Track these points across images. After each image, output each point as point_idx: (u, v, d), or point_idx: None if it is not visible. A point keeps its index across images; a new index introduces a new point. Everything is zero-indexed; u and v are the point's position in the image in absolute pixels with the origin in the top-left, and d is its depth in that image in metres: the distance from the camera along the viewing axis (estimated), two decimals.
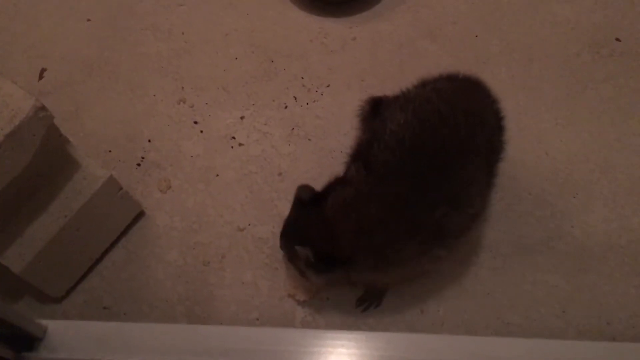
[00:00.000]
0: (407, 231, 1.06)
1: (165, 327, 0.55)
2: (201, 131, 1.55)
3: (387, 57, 1.64)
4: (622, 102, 1.50)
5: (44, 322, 0.55)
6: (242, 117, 1.56)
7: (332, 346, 0.54)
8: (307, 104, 1.57)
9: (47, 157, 1.19)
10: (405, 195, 1.05)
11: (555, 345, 0.57)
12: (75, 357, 0.52)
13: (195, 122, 1.57)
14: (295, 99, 1.58)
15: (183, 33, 1.73)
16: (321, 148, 1.50)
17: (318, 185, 1.19)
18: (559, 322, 1.23)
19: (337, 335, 0.54)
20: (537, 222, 1.34)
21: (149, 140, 1.54)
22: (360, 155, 1.16)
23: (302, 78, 1.61)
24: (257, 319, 1.27)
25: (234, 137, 1.53)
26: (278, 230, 1.24)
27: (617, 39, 1.61)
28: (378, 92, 1.56)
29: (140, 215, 1.43)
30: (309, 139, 1.51)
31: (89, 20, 1.78)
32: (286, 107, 1.57)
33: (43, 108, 1.11)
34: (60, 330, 0.53)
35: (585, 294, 1.26)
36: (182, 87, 1.62)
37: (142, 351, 0.51)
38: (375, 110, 1.27)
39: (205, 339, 0.54)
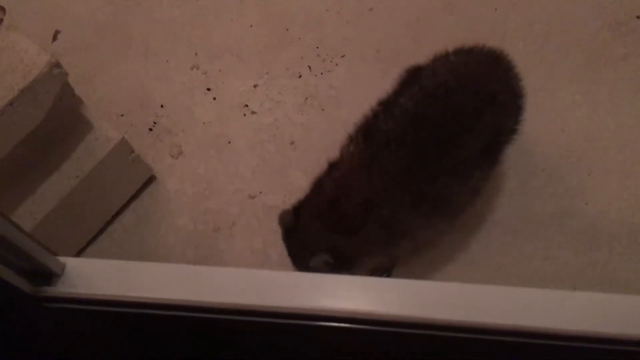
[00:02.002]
0: (411, 202, 1.05)
1: (184, 267, 0.55)
2: (214, 98, 1.54)
3: (404, 29, 1.62)
4: None
5: (62, 259, 0.55)
6: (255, 86, 1.55)
7: (345, 289, 0.54)
8: (322, 73, 1.56)
9: (61, 116, 1.18)
10: (407, 165, 1.04)
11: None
12: (93, 292, 0.52)
13: (208, 89, 1.56)
14: (310, 68, 1.57)
15: None
16: (334, 118, 1.49)
17: (331, 154, 1.18)
18: None
19: (345, 279, 0.54)
20: (550, 199, 1.33)
21: (162, 106, 1.54)
22: (361, 129, 1.15)
23: (317, 48, 1.59)
24: None
25: (246, 105, 1.52)
26: (289, 199, 1.23)
27: (638, 17, 1.58)
28: (393, 64, 1.55)
29: (151, 179, 1.43)
30: (322, 109, 1.50)
31: None
32: (300, 76, 1.56)
33: (58, 65, 1.10)
34: (79, 267, 0.53)
35: (596, 271, 1.25)
36: (196, 54, 1.61)
37: (160, 290, 0.51)
38: (412, 78, 1.23)
39: (224, 279, 0.54)
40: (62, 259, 0.55)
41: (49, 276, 0.54)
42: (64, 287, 0.52)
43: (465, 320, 0.51)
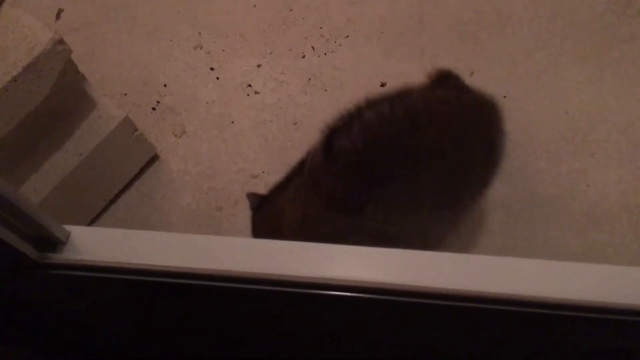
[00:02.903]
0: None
1: (190, 236, 0.56)
2: (217, 78, 1.54)
3: (407, 9, 1.61)
4: None
5: (67, 227, 0.55)
6: (258, 65, 1.55)
7: (337, 258, 0.54)
8: (325, 54, 1.55)
9: (64, 93, 1.19)
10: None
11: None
12: (98, 259, 0.52)
13: (212, 69, 1.56)
14: (313, 48, 1.56)
15: None
16: (337, 99, 1.49)
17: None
18: None
19: (345, 248, 0.54)
20: (552, 180, 1.33)
21: (165, 85, 1.54)
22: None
23: (321, 28, 1.59)
24: None
25: (250, 85, 1.52)
26: None
27: None
28: (397, 44, 1.55)
29: (154, 158, 1.43)
30: (326, 90, 1.50)
31: None
32: (304, 56, 1.55)
33: (61, 41, 1.10)
34: (83, 235, 0.54)
35: (596, 253, 1.26)
36: (199, 33, 1.61)
37: (164, 257, 0.51)
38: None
39: (230, 248, 0.54)
40: (67, 227, 0.56)
41: (54, 243, 0.54)
42: (69, 254, 0.53)
43: (463, 289, 0.51)
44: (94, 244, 0.53)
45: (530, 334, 0.66)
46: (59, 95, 1.16)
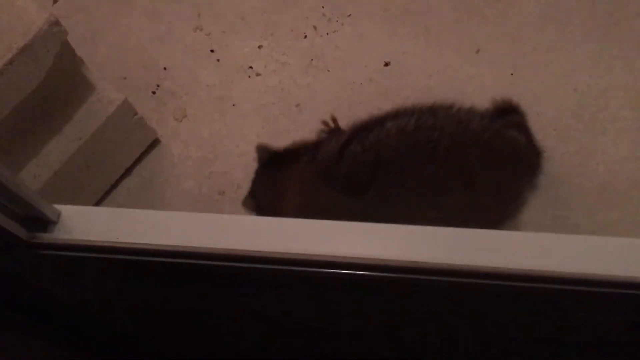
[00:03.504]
0: None
1: (181, 214, 0.54)
2: (218, 60, 1.51)
3: None
4: None
5: (58, 206, 0.53)
6: (259, 47, 1.52)
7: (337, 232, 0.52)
8: (327, 34, 1.52)
9: (62, 76, 1.16)
10: None
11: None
12: (90, 239, 0.50)
13: (212, 51, 1.53)
14: (315, 28, 1.53)
15: None
16: (340, 80, 1.46)
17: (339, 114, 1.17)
18: None
19: (345, 225, 0.52)
20: (561, 158, 1.30)
21: (165, 68, 1.51)
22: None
23: (323, 7, 1.55)
24: None
25: (251, 67, 1.50)
26: None
27: None
28: (401, 23, 1.52)
29: (155, 143, 1.41)
30: (328, 70, 1.47)
31: None
32: (305, 37, 1.52)
33: (57, 23, 1.08)
34: (74, 215, 0.52)
35: (607, 232, 1.23)
36: (199, 14, 1.57)
37: (156, 236, 0.50)
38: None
39: (223, 227, 0.53)
40: (57, 206, 0.54)
41: (44, 223, 0.52)
42: (60, 234, 0.51)
43: (464, 264, 0.49)
44: (85, 223, 0.51)
45: (538, 312, 0.64)
46: (56, 79, 1.14)
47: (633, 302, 0.52)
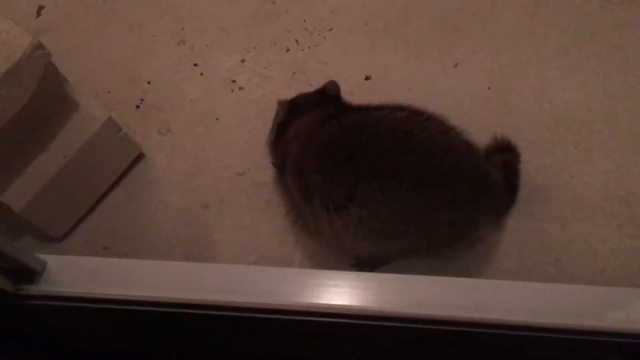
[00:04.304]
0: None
1: (163, 264, 0.56)
2: (201, 74, 1.53)
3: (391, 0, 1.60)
4: (629, 51, 1.47)
5: (43, 256, 0.56)
6: (242, 60, 1.54)
7: (326, 285, 0.55)
8: (309, 47, 1.55)
9: (46, 96, 1.18)
10: None
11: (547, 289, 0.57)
12: (75, 290, 0.53)
13: (195, 64, 1.55)
14: (297, 42, 1.55)
15: None
16: None
17: None
18: (553, 269, 1.24)
19: (332, 275, 0.55)
20: (536, 171, 1.34)
21: (149, 82, 1.53)
22: None
23: (305, 21, 1.58)
24: (255, 262, 1.29)
25: (234, 81, 1.52)
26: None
27: None
28: (382, 36, 1.54)
29: (140, 157, 1.43)
30: (310, 84, 1.50)
31: None
32: (288, 50, 1.55)
33: (40, 46, 1.09)
34: (60, 265, 0.54)
35: (580, 243, 1.27)
36: (182, 28, 1.59)
37: (140, 287, 0.52)
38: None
39: (202, 276, 0.55)
40: (43, 256, 0.56)
41: (30, 274, 0.54)
42: (46, 285, 0.53)
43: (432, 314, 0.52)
44: (70, 274, 0.53)
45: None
46: (41, 99, 1.16)
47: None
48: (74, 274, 0.54)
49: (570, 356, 0.60)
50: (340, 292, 0.54)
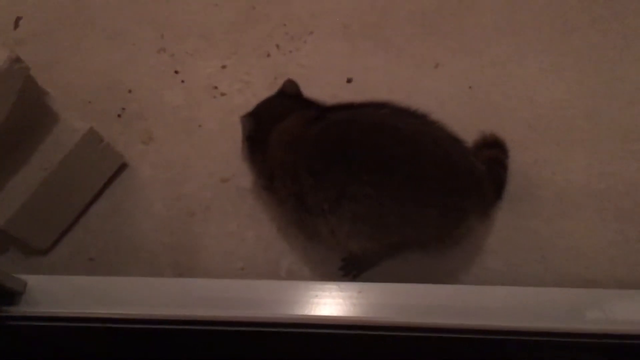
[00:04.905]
0: None
1: (146, 280, 0.56)
2: (182, 81, 1.53)
3: (370, 2, 1.60)
4: (608, 46, 1.49)
5: (24, 277, 0.55)
6: (223, 66, 1.54)
7: (313, 296, 0.55)
8: (290, 52, 1.55)
9: (26, 109, 1.17)
10: None
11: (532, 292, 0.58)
12: (56, 310, 0.52)
13: (176, 72, 1.54)
14: (278, 47, 1.55)
15: None
16: None
17: None
18: (538, 267, 1.25)
19: (319, 286, 0.55)
20: (519, 169, 1.35)
21: (129, 91, 1.52)
22: None
23: (285, 25, 1.58)
24: (242, 269, 1.28)
25: (216, 87, 1.51)
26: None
27: None
28: (362, 39, 1.55)
29: (123, 167, 1.42)
30: None
31: None
32: (269, 55, 1.55)
33: (18, 60, 1.08)
34: (41, 285, 0.54)
35: (565, 239, 1.28)
36: (162, 36, 1.59)
37: (123, 304, 0.52)
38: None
39: (187, 292, 0.55)
40: (23, 277, 0.56)
41: (11, 295, 0.54)
42: (26, 307, 0.53)
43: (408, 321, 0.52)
44: (52, 293, 0.53)
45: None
46: (20, 113, 1.15)
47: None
48: (55, 293, 0.54)
49: (552, 357, 0.61)
50: (322, 302, 0.54)
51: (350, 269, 1.24)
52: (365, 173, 1.05)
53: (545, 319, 0.52)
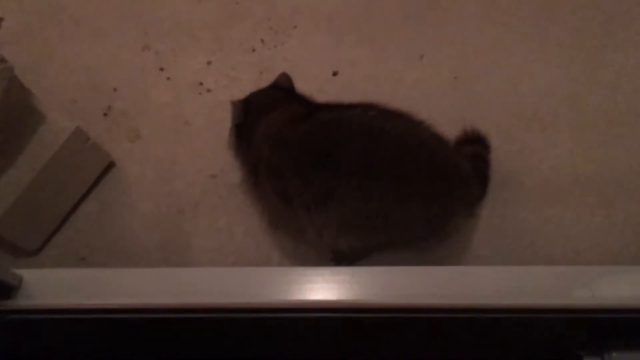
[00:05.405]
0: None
1: (141, 271, 0.57)
2: (168, 78, 1.52)
3: None
4: (590, 34, 1.50)
5: (20, 271, 0.55)
6: (209, 63, 1.54)
7: (307, 282, 0.56)
8: (275, 46, 1.55)
9: (11, 110, 1.17)
10: None
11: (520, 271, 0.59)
12: (53, 302, 0.53)
13: (161, 69, 1.54)
14: (263, 42, 1.55)
15: None
16: None
17: None
18: (527, 253, 1.26)
19: (312, 271, 0.56)
20: (505, 158, 1.36)
21: (115, 89, 1.51)
22: None
23: (269, 20, 1.58)
24: (234, 264, 1.29)
25: (201, 84, 1.51)
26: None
27: None
28: (346, 33, 1.55)
29: (111, 166, 1.42)
30: None
31: None
32: (254, 50, 1.55)
33: (3, 60, 1.08)
34: (37, 279, 0.54)
35: (552, 226, 1.29)
36: (146, 33, 1.58)
37: (120, 295, 0.52)
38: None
39: (182, 280, 0.55)
40: (19, 271, 0.56)
41: (7, 290, 0.54)
42: (23, 300, 0.53)
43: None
44: (48, 286, 0.53)
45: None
46: (6, 113, 1.14)
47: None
48: (51, 286, 0.54)
49: (541, 334, 0.62)
50: (315, 287, 0.55)
51: (341, 260, 1.25)
52: (352, 175, 1.06)
53: (532, 296, 0.53)
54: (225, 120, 1.44)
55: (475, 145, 1.30)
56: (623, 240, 1.26)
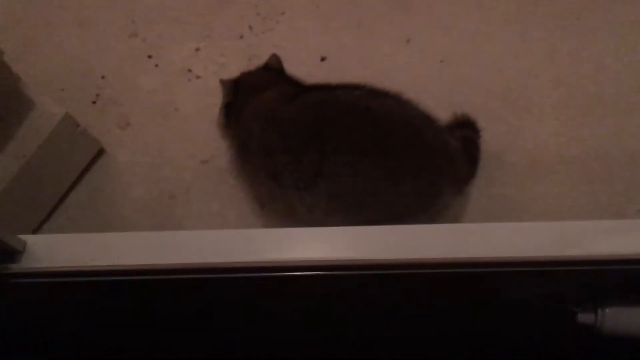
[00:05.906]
0: None
1: (145, 234, 0.58)
2: (156, 65, 1.53)
3: None
4: (572, 17, 1.53)
5: (23, 236, 0.56)
6: (197, 49, 1.54)
7: (298, 241, 0.57)
8: (263, 33, 1.56)
9: (0, 96, 1.16)
10: None
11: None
12: (57, 266, 0.54)
13: (150, 56, 1.54)
14: (251, 28, 1.56)
15: None
16: None
17: None
18: None
19: (302, 231, 0.58)
20: (493, 138, 1.38)
21: (103, 77, 1.51)
22: None
23: (256, 6, 1.58)
24: None
25: (190, 70, 1.52)
26: None
27: None
28: (333, 19, 1.56)
29: (101, 152, 1.42)
30: None
31: None
32: (242, 37, 1.55)
33: None
34: (40, 243, 0.55)
35: (539, 204, 1.32)
36: (133, 21, 1.58)
37: (123, 257, 0.53)
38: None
39: (184, 241, 0.57)
40: (22, 236, 0.57)
41: (11, 254, 0.55)
42: (28, 263, 0.54)
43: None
44: (51, 250, 0.54)
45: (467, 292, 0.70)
46: None
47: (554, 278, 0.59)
48: (56, 250, 0.55)
49: (535, 291, 0.64)
50: (308, 247, 0.57)
51: None
52: (341, 153, 1.08)
53: (525, 249, 0.55)
54: (215, 106, 1.45)
55: (465, 130, 1.32)
56: (607, 217, 1.29)
